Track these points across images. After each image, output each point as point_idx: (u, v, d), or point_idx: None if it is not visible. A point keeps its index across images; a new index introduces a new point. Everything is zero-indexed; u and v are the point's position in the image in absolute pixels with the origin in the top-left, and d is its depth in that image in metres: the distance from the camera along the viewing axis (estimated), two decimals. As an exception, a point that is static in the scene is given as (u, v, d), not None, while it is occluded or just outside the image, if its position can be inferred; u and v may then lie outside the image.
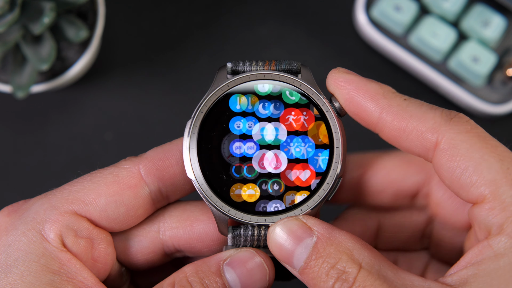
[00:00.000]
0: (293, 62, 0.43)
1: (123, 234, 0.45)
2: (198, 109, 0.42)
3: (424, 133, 0.38)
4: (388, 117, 0.39)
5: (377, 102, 0.39)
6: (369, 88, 0.39)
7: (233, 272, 0.41)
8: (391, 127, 0.39)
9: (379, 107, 0.39)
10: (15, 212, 0.43)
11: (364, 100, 0.40)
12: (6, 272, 0.40)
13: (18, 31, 0.63)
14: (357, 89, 0.40)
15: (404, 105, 0.38)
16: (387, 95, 0.39)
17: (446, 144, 0.37)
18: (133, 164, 0.43)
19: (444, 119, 0.37)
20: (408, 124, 0.38)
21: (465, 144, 0.36)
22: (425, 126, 0.37)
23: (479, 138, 0.36)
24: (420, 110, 0.38)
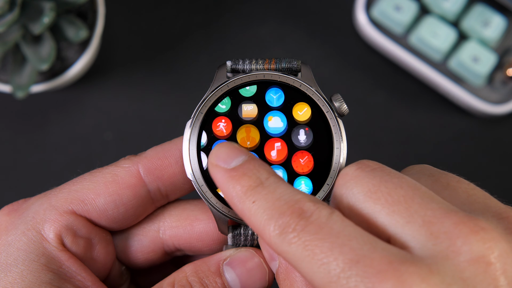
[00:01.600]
0: (293, 60, 0.43)
1: (123, 233, 0.45)
2: (198, 109, 0.42)
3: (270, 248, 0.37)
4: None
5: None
6: (226, 195, 0.37)
7: (232, 272, 0.41)
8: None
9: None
10: (15, 211, 0.43)
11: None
12: (6, 271, 0.40)
13: (18, 31, 0.63)
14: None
15: (249, 214, 0.36)
16: (238, 201, 0.37)
17: (280, 262, 0.39)
18: (133, 164, 0.43)
19: (275, 235, 0.34)
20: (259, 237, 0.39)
21: (293, 259, 0.34)
22: (266, 242, 0.37)
23: (301, 246, 0.34)
24: (260, 222, 0.36)
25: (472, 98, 0.72)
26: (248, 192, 0.36)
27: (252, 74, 0.43)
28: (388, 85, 0.75)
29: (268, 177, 0.36)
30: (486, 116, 0.74)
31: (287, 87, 0.43)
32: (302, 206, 0.34)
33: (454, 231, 0.33)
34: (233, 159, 0.37)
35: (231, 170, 0.36)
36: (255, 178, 0.36)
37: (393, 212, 0.34)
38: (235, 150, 0.37)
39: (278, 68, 0.43)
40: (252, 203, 0.35)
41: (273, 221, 0.34)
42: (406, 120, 0.75)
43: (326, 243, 0.33)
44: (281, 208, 0.34)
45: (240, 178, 0.36)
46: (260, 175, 0.36)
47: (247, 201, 0.35)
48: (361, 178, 0.36)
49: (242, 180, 0.36)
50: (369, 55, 0.76)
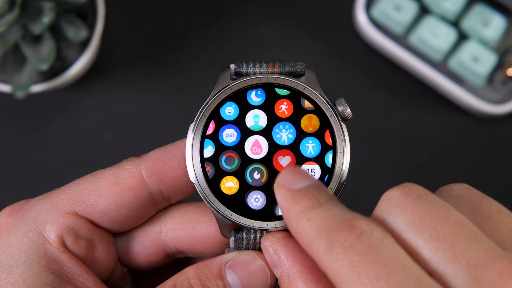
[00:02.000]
0: (297, 64, 0.43)
1: (124, 235, 0.45)
2: (201, 112, 0.42)
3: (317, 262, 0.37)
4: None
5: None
6: (285, 214, 0.37)
7: (234, 275, 0.41)
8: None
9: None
10: (16, 212, 0.43)
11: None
12: (7, 272, 0.40)
13: (17, 31, 0.63)
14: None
15: (300, 231, 0.36)
16: (294, 219, 0.37)
17: (328, 276, 0.37)
18: (135, 165, 0.43)
19: (324, 249, 0.34)
20: (307, 252, 0.38)
21: (336, 276, 0.34)
22: (313, 257, 0.36)
23: (348, 265, 0.33)
24: (311, 237, 0.35)
25: (472, 98, 0.72)
26: (305, 212, 0.35)
27: (256, 77, 0.42)
28: (388, 85, 0.75)
29: (327, 200, 0.36)
30: (486, 116, 0.74)
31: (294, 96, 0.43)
32: (354, 223, 0.33)
33: (498, 281, 0.32)
34: (299, 182, 0.37)
35: (294, 191, 0.36)
36: (315, 200, 0.36)
37: (437, 249, 0.33)
38: (303, 174, 0.37)
39: (282, 71, 0.43)
40: (307, 221, 0.35)
41: (323, 236, 0.34)
42: (406, 120, 0.75)
43: (374, 268, 0.32)
44: (333, 224, 0.34)
45: (301, 199, 0.36)
46: (321, 198, 0.36)
47: (303, 219, 0.35)
48: (406, 206, 0.35)
49: (302, 201, 0.36)
50: (369, 55, 0.76)
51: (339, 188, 0.42)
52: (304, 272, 0.39)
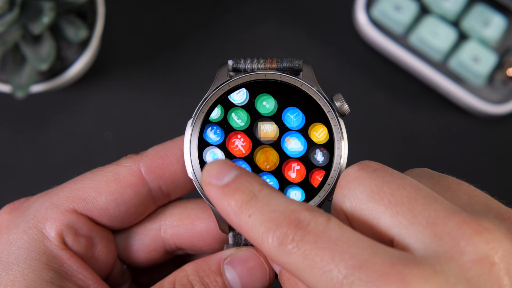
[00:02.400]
0: (294, 59, 0.43)
1: (124, 232, 0.45)
2: (199, 109, 0.42)
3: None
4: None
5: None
6: (222, 211, 0.37)
7: (233, 271, 0.41)
8: None
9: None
10: (16, 210, 0.43)
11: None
12: (7, 270, 0.40)
13: (17, 30, 0.63)
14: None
15: (246, 228, 0.36)
16: (234, 216, 0.37)
17: (281, 273, 0.38)
18: (134, 162, 0.43)
19: (274, 246, 0.35)
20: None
21: (294, 269, 0.34)
22: (266, 255, 0.37)
23: (302, 257, 0.34)
24: (259, 235, 0.36)
25: (472, 98, 0.72)
26: (242, 207, 0.36)
27: (253, 74, 0.42)
28: (388, 85, 0.75)
29: (261, 189, 0.36)
30: (486, 116, 0.74)
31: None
32: (298, 216, 0.34)
33: (457, 232, 0.33)
34: (225, 175, 0.37)
35: (224, 187, 0.36)
36: (248, 192, 0.36)
37: (396, 213, 0.34)
38: (226, 166, 0.37)
39: (280, 67, 0.43)
40: (248, 217, 0.35)
41: (270, 233, 0.34)
42: (406, 120, 0.75)
43: (326, 251, 0.33)
44: (277, 219, 0.34)
45: (234, 193, 0.36)
46: (253, 188, 0.36)
47: (243, 215, 0.36)
48: (363, 179, 0.36)
49: (236, 195, 0.36)
50: (369, 55, 0.76)
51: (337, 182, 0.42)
52: None
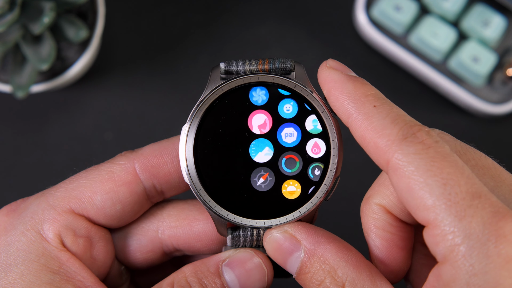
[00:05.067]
0: (286, 60, 0.43)
1: (121, 233, 0.45)
2: (193, 114, 0.42)
3: (379, 149, 0.37)
4: (353, 124, 0.39)
5: (346, 108, 0.39)
6: (343, 90, 0.39)
7: (231, 273, 0.41)
8: (356, 133, 0.39)
9: (346, 113, 0.39)
10: (13, 211, 0.43)
11: (336, 103, 0.40)
12: (6, 271, 0.40)
13: (18, 31, 0.63)
14: (333, 89, 0.40)
15: (370, 114, 0.38)
16: (358, 100, 0.38)
17: (393, 164, 0.37)
18: (128, 161, 0.43)
19: (399, 138, 0.36)
20: (368, 135, 0.38)
21: (410, 167, 0.35)
22: (380, 142, 0.37)
23: (427, 160, 0.35)
24: (382, 123, 0.37)
25: (472, 98, 0.72)
26: (369, 97, 0.37)
27: (246, 76, 0.42)
28: (388, 85, 0.75)
29: (386, 99, 0.38)
30: (486, 116, 0.74)
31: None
32: (425, 128, 0.36)
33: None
34: (349, 71, 0.39)
35: (349, 76, 0.38)
36: (376, 91, 0.38)
37: (484, 174, 0.37)
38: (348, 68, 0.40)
39: (272, 68, 0.43)
40: (374, 106, 0.37)
41: (398, 126, 0.36)
42: (406, 120, 0.75)
43: (453, 168, 0.34)
44: (405, 118, 0.36)
45: (362, 84, 0.38)
46: (380, 93, 0.38)
47: (368, 103, 0.37)
48: (448, 141, 0.39)
49: (364, 86, 0.38)
50: (369, 55, 0.76)
51: (333, 182, 0.42)
52: (334, 243, 0.40)
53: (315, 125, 0.42)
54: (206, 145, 0.42)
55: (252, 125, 0.42)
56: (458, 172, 0.34)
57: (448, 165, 0.34)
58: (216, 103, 0.42)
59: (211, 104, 0.42)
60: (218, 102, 0.42)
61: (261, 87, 0.42)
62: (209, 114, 0.42)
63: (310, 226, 0.41)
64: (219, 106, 0.42)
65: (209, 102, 0.42)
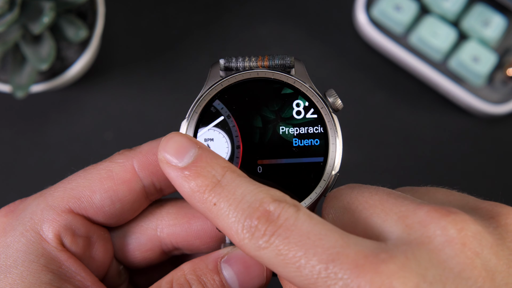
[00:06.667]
0: (286, 56, 0.43)
1: (120, 232, 0.45)
2: (192, 109, 0.42)
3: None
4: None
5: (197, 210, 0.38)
6: (183, 193, 0.37)
7: (230, 269, 0.41)
8: None
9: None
10: (12, 212, 0.43)
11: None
12: (6, 273, 0.40)
13: (17, 30, 0.63)
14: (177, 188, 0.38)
15: (214, 216, 0.36)
16: (197, 202, 0.36)
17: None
18: (127, 159, 0.43)
19: (245, 238, 0.35)
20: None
21: (267, 265, 0.35)
22: (237, 244, 0.37)
23: (272, 254, 0.34)
24: (227, 224, 0.36)
25: (472, 98, 0.72)
26: (206, 193, 0.35)
27: (246, 72, 0.42)
28: (388, 85, 0.75)
29: (223, 174, 0.36)
30: (486, 116, 0.74)
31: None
32: (267, 208, 0.34)
33: (426, 219, 0.34)
34: (184, 155, 0.36)
35: (183, 169, 0.36)
36: (211, 177, 0.36)
37: (370, 215, 0.35)
38: (184, 143, 0.37)
39: (271, 65, 0.43)
40: (213, 205, 0.35)
41: (240, 225, 0.34)
42: (406, 120, 0.75)
43: (298, 246, 0.33)
44: (246, 211, 0.35)
45: (195, 179, 0.36)
46: (215, 172, 0.36)
47: (207, 203, 0.35)
48: (341, 195, 0.38)
49: (198, 180, 0.36)
50: (369, 55, 0.76)
51: (332, 179, 0.42)
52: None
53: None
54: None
55: None
56: (305, 246, 0.33)
57: (293, 246, 0.33)
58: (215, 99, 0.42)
59: (210, 99, 0.42)
60: (217, 97, 0.42)
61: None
62: (208, 109, 0.42)
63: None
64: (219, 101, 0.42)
65: (208, 97, 0.42)
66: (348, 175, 0.62)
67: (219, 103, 0.42)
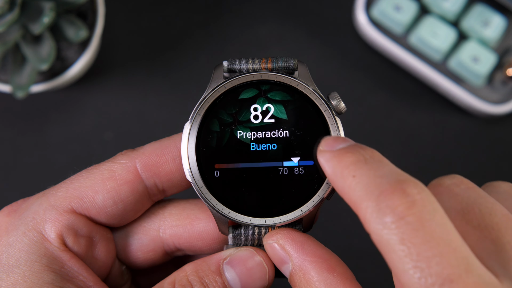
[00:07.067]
0: (289, 59, 0.43)
1: (123, 232, 0.45)
2: (196, 111, 0.42)
3: (363, 221, 0.36)
4: (345, 199, 0.37)
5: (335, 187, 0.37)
6: (329, 171, 0.36)
7: (232, 271, 0.41)
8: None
9: (339, 191, 0.37)
10: (14, 212, 0.43)
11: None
12: (8, 272, 0.40)
13: (18, 31, 0.63)
14: (325, 171, 0.37)
15: (350, 188, 0.35)
16: (339, 175, 0.36)
17: (374, 239, 0.35)
18: (130, 159, 0.43)
19: (375, 211, 0.33)
20: (353, 208, 0.36)
21: (385, 243, 0.33)
22: (361, 216, 0.35)
23: (399, 235, 0.32)
24: (360, 196, 0.34)
25: (472, 98, 0.72)
26: (350, 167, 0.34)
27: (249, 75, 0.42)
28: (388, 85, 0.75)
29: (372, 155, 0.34)
30: (486, 116, 0.74)
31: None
32: (405, 188, 0.32)
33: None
34: (340, 144, 0.36)
35: (335, 151, 0.35)
36: (358, 155, 0.34)
37: (484, 238, 0.34)
38: (342, 138, 0.36)
39: (275, 67, 0.43)
40: (353, 177, 0.34)
41: (372, 198, 0.32)
42: (406, 120, 0.75)
43: (426, 246, 0.31)
44: (382, 185, 0.32)
45: (344, 156, 0.35)
46: (365, 153, 0.34)
47: (348, 175, 0.34)
48: (456, 194, 0.35)
49: (345, 157, 0.35)
50: (369, 55, 0.76)
51: None
52: (318, 262, 0.39)
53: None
54: (208, 143, 0.42)
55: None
56: (432, 251, 0.31)
57: (420, 244, 0.31)
58: (218, 101, 0.42)
59: (213, 101, 0.42)
60: (220, 99, 0.42)
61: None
62: (212, 111, 0.42)
63: (301, 237, 0.40)
64: (222, 103, 0.42)
65: (212, 99, 0.42)
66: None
67: None
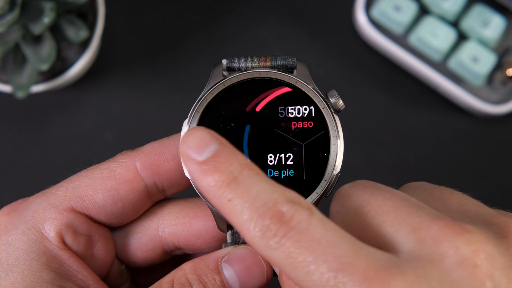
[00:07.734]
0: (288, 57, 0.43)
1: (122, 231, 0.45)
2: (194, 109, 0.42)
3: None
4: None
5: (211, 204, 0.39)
6: (200, 187, 0.37)
7: (231, 269, 0.41)
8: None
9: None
10: (14, 211, 0.43)
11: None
12: (7, 271, 0.40)
13: (18, 31, 0.63)
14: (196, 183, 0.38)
15: (228, 211, 0.36)
16: (213, 196, 0.36)
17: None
18: (129, 159, 0.43)
19: (257, 236, 0.34)
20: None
21: (276, 267, 0.36)
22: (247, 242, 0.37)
23: (282, 255, 0.34)
24: (240, 221, 0.35)
25: (472, 98, 0.72)
26: (222, 189, 0.35)
27: (248, 72, 0.43)
28: (388, 85, 0.75)
29: (241, 170, 0.35)
30: (486, 116, 0.74)
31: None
32: (281, 209, 0.33)
33: (440, 235, 0.33)
34: (204, 149, 0.35)
35: (202, 163, 0.35)
36: (228, 173, 0.35)
37: (382, 223, 0.35)
38: (205, 138, 0.36)
39: (274, 65, 0.43)
40: (228, 201, 0.35)
41: (252, 223, 0.34)
42: (406, 120, 0.75)
43: (309, 251, 0.32)
44: (259, 210, 0.34)
45: (213, 173, 0.35)
46: (233, 168, 0.35)
47: (222, 198, 0.35)
48: (353, 194, 0.37)
49: (215, 176, 0.35)
50: (369, 55, 0.76)
51: (334, 179, 0.42)
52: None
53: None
54: None
55: None
56: (316, 252, 0.32)
57: (304, 250, 0.33)
58: (217, 98, 0.42)
59: (212, 99, 0.42)
60: (219, 97, 0.42)
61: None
62: (210, 109, 0.42)
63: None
64: (220, 101, 0.42)
65: (211, 97, 0.42)
66: (347, 175, 0.62)
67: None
